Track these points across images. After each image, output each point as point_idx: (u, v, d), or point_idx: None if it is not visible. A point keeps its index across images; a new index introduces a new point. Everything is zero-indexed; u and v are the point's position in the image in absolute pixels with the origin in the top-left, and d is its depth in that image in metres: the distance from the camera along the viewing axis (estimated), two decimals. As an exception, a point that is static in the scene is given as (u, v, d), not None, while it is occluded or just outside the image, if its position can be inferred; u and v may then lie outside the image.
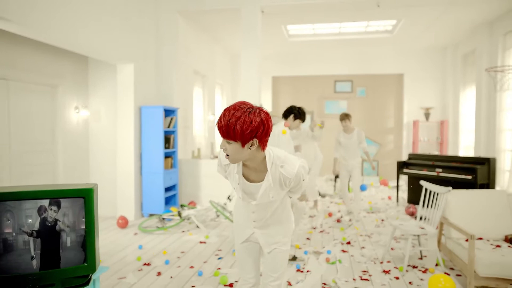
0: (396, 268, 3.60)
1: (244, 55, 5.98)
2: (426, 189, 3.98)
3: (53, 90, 5.13)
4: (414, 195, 6.59)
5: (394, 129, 9.66)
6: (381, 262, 3.76)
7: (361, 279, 3.34)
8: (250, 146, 1.48)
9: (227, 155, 1.52)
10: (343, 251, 4.08)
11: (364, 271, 3.52)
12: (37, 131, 4.85)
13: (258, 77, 6.02)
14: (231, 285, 3.15)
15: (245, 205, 1.76)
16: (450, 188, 3.49)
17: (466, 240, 3.43)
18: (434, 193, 3.77)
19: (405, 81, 9.39)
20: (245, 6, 5.88)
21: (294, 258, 3.73)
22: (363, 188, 8.04)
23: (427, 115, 9.09)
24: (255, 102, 5.95)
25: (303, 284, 3.14)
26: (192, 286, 3.15)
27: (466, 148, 8.22)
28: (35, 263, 1.49)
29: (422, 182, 3.85)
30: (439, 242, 3.68)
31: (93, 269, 1.56)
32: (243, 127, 1.42)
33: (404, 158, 9.36)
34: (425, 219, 3.83)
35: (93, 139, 5.74)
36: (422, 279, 3.32)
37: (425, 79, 9.22)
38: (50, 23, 3.76)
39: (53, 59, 5.00)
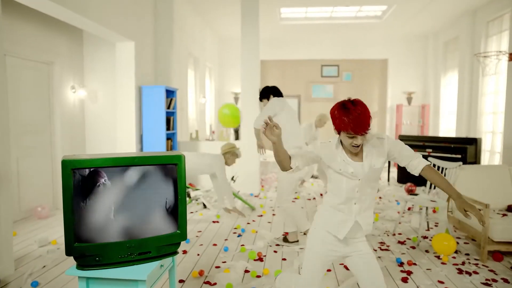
0: (409, 239, 3.82)
1: (243, 38, 5.93)
2: (434, 165, 4.20)
3: (48, 67, 4.88)
4: (404, 175, 6.92)
5: (378, 113, 9.99)
6: (394, 234, 3.96)
7: (381, 249, 3.51)
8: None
9: (357, 145, 1.63)
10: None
11: (381, 243, 3.70)
12: (34, 112, 4.61)
13: (258, 60, 6.00)
14: (258, 276, 3.18)
15: (349, 188, 1.71)
16: (461, 163, 3.72)
17: (475, 211, 3.70)
18: (443, 168, 4.00)
19: (389, 66, 9.70)
20: (246, -14, 5.81)
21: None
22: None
23: (409, 100, 9.47)
24: (254, 86, 5.95)
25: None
26: (223, 262, 3.18)
27: (446, 131, 8.67)
28: (131, 231, 1.47)
29: (431, 159, 4.06)
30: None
31: (184, 236, 1.56)
32: (369, 115, 1.63)
33: (387, 141, 9.73)
34: (427, 193, 4.06)
35: (90, 120, 5.53)
36: (436, 248, 3.54)
37: (408, 65, 9.57)
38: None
39: (48, 34, 4.74)
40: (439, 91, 8.88)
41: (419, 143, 6.63)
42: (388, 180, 7.01)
